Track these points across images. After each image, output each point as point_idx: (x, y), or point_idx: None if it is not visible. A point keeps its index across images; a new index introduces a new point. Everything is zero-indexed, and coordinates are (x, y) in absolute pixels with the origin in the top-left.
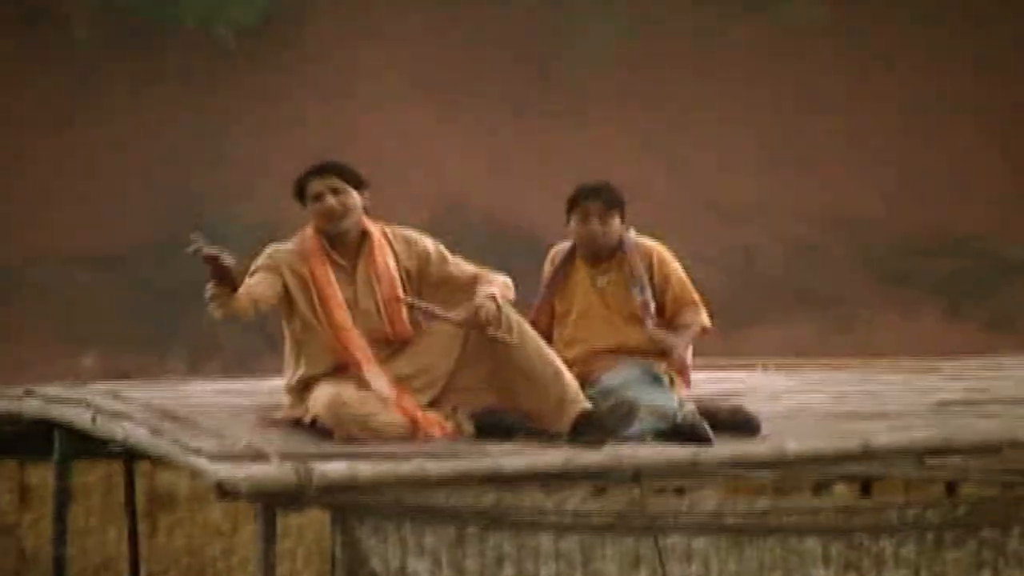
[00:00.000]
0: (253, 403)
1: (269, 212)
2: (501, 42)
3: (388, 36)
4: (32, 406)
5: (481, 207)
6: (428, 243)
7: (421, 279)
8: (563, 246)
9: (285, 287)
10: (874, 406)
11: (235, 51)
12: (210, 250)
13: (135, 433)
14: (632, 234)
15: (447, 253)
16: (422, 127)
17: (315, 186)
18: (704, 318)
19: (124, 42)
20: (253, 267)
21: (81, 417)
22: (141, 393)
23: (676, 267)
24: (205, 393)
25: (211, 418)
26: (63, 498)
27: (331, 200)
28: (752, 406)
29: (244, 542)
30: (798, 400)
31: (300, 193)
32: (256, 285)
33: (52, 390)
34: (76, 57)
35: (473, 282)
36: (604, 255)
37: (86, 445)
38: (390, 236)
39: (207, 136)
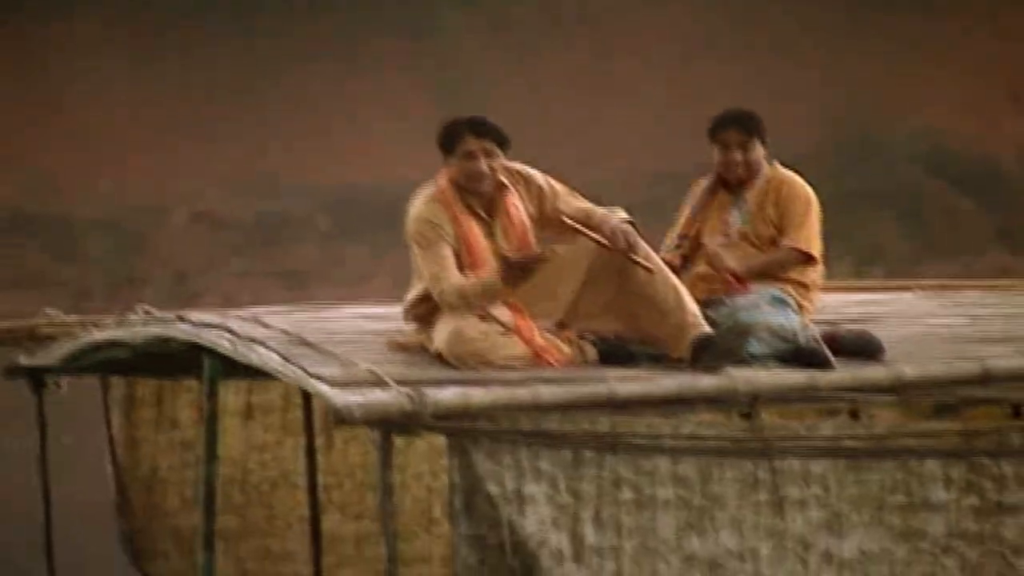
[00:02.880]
0: (390, 329)
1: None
2: None
3: None
4: (183, 331)
5: None
6: (540, 179)
7: (541, 217)
8: (705, 178)
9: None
10: (1008, 330)
11: None
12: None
13: (267, 358)
14: (774, 167)
15: (557, 186)
16: None
17: (470, 144)
18: (801, 245)
19: None
20: (420, 234)
21: (222, 342)
22: (284, 319)
23: (798, 197)
24: (347, 318)
25: (343, 344)
26: (212, 418)
27: (483, 164)
28: (886, 330)
29: (417, 458)
30: (933, 324)
31: (448, 144)
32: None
33: (200, 315)
34: None
35: (586, 215)
36: (744, 182)
37: None
38: (513, 179)
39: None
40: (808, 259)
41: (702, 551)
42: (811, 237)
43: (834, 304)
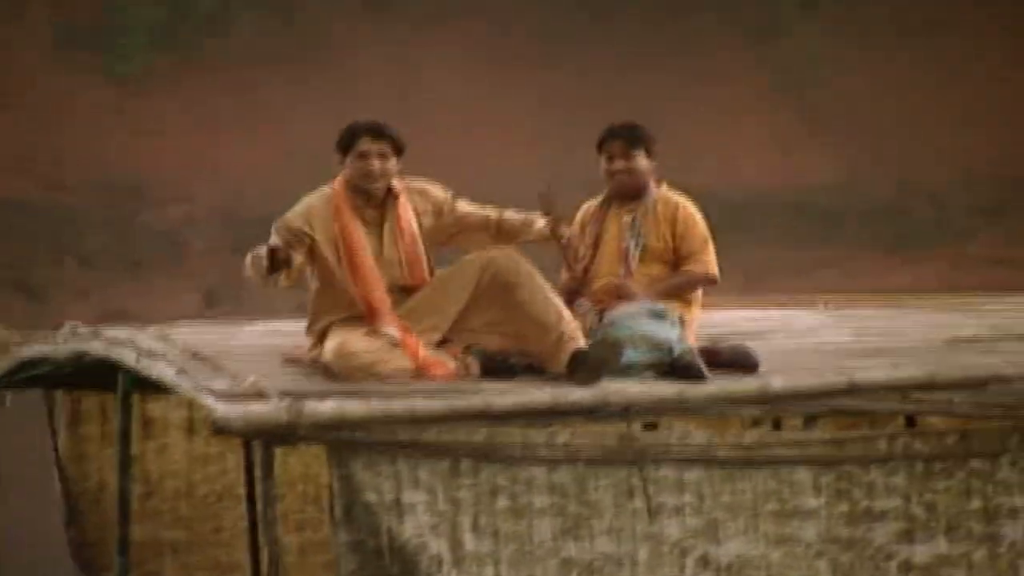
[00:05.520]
0: (289, 344)
1: None
2: None
3: None
4: (95, 346)
5: None
6: (439, 191)
7: (437, 227)
8: (594, 199)
9: (312, 240)
10: (886, 343)
11: None
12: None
13: (164, 372)
14: (663, 188)
15: (455, 198)
16: None
17: (364, 145)
18: (707, 270)
19: None
20: (287, 219)
21: (127, 356)
22: (188, 334)
23: (697, 222)
24: (250, 334)
25: (239, 359)
26: (126, 432)
27: (376, 163)
28: (769, 344)
29: None
30: (818, 338)
31: (345, 144)
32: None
33: (113, 331)
34: None
35: (487, 220)
36: (631, 194)
37: None
38: (408, 190)
39: None
40: (713, 282)
41: (579, 556)
42: (714, 261)
43: (728, 319)
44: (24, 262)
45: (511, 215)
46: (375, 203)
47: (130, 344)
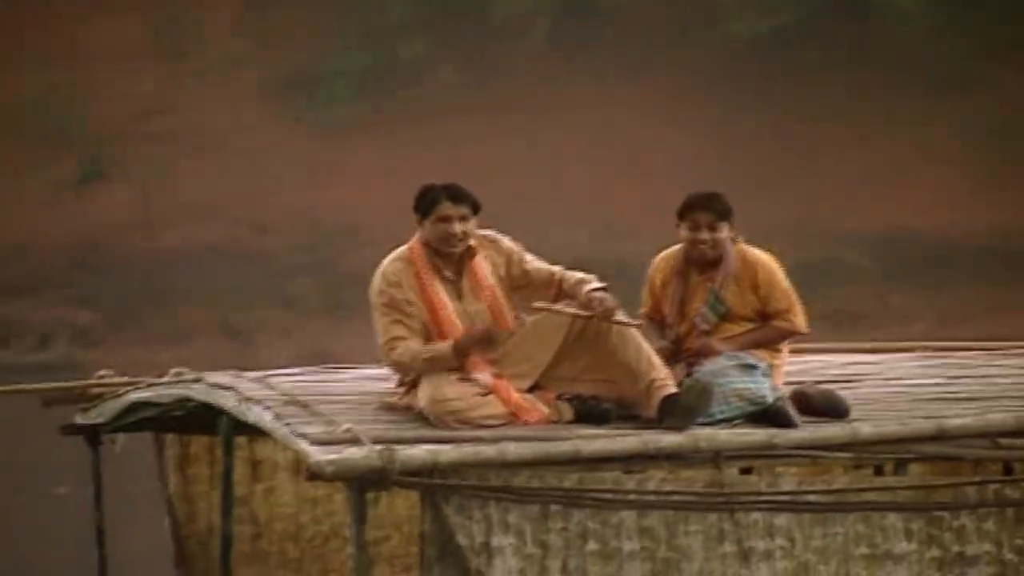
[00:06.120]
0: (386, 390)
1: None
2: None
3: None
4: (198, 391)
5: None
6: (508, 243)
7: (509, 278)
8: (670, 252)
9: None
10: (979, 389)
11: None
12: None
13: (262, 417)
14: (740, 245)
15: (523, 251)
16: None
17: (446, 209)
18: (796, 325)
19: None
20: (387, 296)
21: (227, 402)
22: (289, 380)
23: (779, 280)
24: (348, 381)
25: (336, 404)
26: (229, 474)
27: (457, 227)
28: (861, 390)
29: None
30: (909, 384)
31: (425, 208)
32: (417, 336)
33: (215, 376)
34: None
35: (551, 278)
36: (710, 263)
37: None
38: (482, 243)
39: None
40: (801, 334)
41: None
42: (802, 316)
43: (822, 364)
44: (230, 305)
45: (570, 274)
46: (454, 262)
47: (231, 389)
